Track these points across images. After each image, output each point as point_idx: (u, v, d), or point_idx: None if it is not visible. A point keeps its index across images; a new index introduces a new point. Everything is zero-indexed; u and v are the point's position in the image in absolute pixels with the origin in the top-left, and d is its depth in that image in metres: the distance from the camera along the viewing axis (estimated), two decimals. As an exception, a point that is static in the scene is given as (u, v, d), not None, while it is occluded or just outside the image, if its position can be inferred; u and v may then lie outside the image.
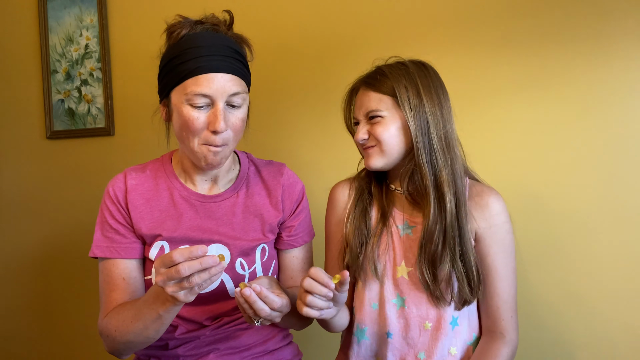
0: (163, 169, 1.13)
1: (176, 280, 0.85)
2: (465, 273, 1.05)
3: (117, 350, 1.05)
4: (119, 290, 1.07)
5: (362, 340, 1.14)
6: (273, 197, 1.15)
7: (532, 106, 1.42)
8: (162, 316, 0.95)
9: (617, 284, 1.36)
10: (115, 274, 1.08)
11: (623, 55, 1.33)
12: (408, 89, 1.06)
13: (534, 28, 1.40)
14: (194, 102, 0.99)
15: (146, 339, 1.01)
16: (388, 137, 1.06)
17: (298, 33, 1.65)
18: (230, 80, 1.00)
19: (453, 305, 1.08)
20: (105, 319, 1.05)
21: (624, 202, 1.35)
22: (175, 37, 1.02)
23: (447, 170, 1.05)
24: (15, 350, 2.10)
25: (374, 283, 1.12)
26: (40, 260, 2.04)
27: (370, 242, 1.12)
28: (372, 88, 1.08)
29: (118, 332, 1.01)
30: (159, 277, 0.85)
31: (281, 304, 0.94)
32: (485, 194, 1.10)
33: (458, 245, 1.05)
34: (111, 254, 1.07)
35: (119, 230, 1.08)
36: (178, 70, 1.00)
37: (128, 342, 1.01)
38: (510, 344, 1.08)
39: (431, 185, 1.05)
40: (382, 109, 1.06)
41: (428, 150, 1.05)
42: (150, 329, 0.98)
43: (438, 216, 1.05)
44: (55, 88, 1.96)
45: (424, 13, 1.51)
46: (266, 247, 1.14)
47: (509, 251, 1.09)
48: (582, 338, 1.40)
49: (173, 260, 0.83)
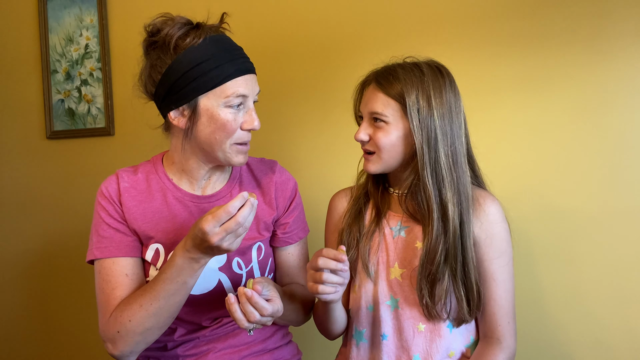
0: (155, 171, 1.12)
1: (234, 231, 0.89)
2: (465, 294, 1.03)
3: (128, 346, 1.00)
4: (122, 287, 1.04)
5: (361, 342, 1.13)
6: (266, 194, 1.15)
7: (532, 106, 1.41)
8: (187, 283, 0.96)
9: (617, 285, 1.36)
10: (116, 271, 1.04)
11: (623, 55, 1.33)
12: (419, 98, 1.01)
13: (534, 28, 1.40)
14: (232, 104, 1.00)
15: (168, 319, 0.99)
16: (389, 145, 1.04)
17: (299, 33, 1.65)
18: (255, 79, 1.05)
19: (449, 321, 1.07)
20: (110, 318, 1.01)
21: (624, 202, 1.35)
22: (188, 43, 0.98)
23: (453, 188, 1.02)
24: (15, 350, 2.10)
25: (369, 284, 1.11)
26: (40, 260, 2.04)
27: (362, 241, 1.11)
28: (381, 88, 1.04)
29: (134, 322, 0.98)
30: (216, 237, 0.88)
31: (272, 311, 0.93)
32: (481, 199, 1.07)
33: (460, 265, 1.03)
34: (110, 252, 1.05)
35: (118, 229, 1.06)
36: (212, 75, 0.98)
37: (146, 330, 0.98)
38: (507, 351, 1.06)
39: (435, 203, 1.02)
40: (387, 114, 1.03)
41: (434, 166, 1.02)
42: (176, 302, 0.97)
43: (442, 235, 1.02)
44: (55, 88, 1.96)
45: (425, 13, 1.51)
46: (262, 246, 1.14)
47: (505, 257, 1.07)
48: (581, 338, 1.39)
49: (229, 212, 0.88)
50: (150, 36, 1.03)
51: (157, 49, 1.01)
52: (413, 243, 1.08)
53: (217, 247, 0.90)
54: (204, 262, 0.96)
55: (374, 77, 1.08)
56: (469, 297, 1.04)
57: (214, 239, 0.88)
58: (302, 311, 1.17)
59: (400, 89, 1.02)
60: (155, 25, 1.02)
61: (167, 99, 1.02)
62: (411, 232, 1.09)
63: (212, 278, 1.09)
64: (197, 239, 0.91)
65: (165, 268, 0.96)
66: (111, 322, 1.01)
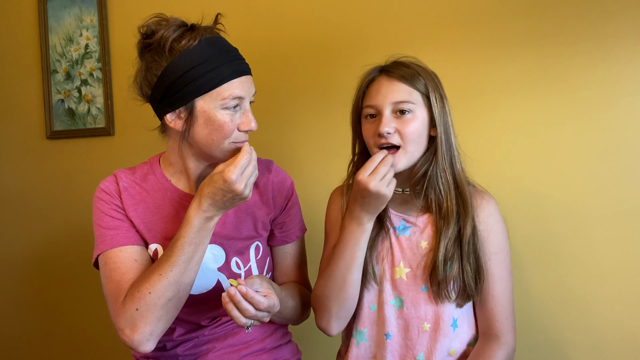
0: (152, 172, 1.12)
1: (251, 175, 0.97)
2: (473, 271, 1.06)
3: (149, 324, 0.96)
4: (133, 271, 1.01)
5: (361, 342, 1.13)
6: (263, 194, 1.15)
7: (531, 106, 1.41)
8: (203, 245, 0.99)
9: (614, 284, 1.36)
10: (125, 258, 1.02)
11: (623, 55, 1.33)
12: (435, 88, 1.07)
13: (534, 28, 1.40)
14: (229, 106, 1.00)
15: (188, 287, 0.99)
16: (417, 135, 1.05)
17: (299, 33, 1.65)
18: (251, 80, 1.05)
19: (454, 305, 1.08)
20: (126, 300, 0.97)
21: (623, 202, 1.34)
22: (184, 46, 0.98)
23: (462, 176, 1.08)
24: (15, 350, 2.10)
25: (373, 284, 1.11)
26: (41, 260, 2.04)
27: (368, 247, 1.10)
28: (401, 79, 1.06)
29: (155, 293, 0.95)
30: (242, 184, 0.95)
31: (268, 305, 0.94)
32: (479, 197, 1.09)
33: (473, 253, 1.06)
34: (117, 242, 1.03)
35: (122, 219, 1.06)
36: (209, 77, 0.98)
37: (168, 301, 0.96)
38: (506, 347, 1.07)
39: (452, 189, 1.06)
40: (413, 101, 1.05)
41: (449, 157, 1.07)
42: (194, 268, 0.99)
43: (460, 223, 1.06)
44: (55, 88, 1.96)
45: (425, 13, 1.51)
46: (260, 245, 1.14)
47: (503, 253, 1.09)
48: (578, 338, 1.39)
49: (248, 157, 0.96)
50: (145, 38, 1.03)
51: (152, 51, 1.01)
52: (418, 242, 1.09)
53: (241, 195, 0.95)
54: (215, 222, 1.00)
55: (384, 71, 1.09)
56: (476, 273, 1.06)
57: (241, 186, 0.94)
58: (300, 309, 1.17)
59: (423, 80, 1.06)
60: (150, 27, 1.01)
61: (163, 101, 1.02)
62: (415, 232, 1.10)
63: (211, 278, 1.09)
64: (220, 192, 0.95)
65: (181, 232, 0.97)
66: (127, 303, 0.97)
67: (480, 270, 1.06)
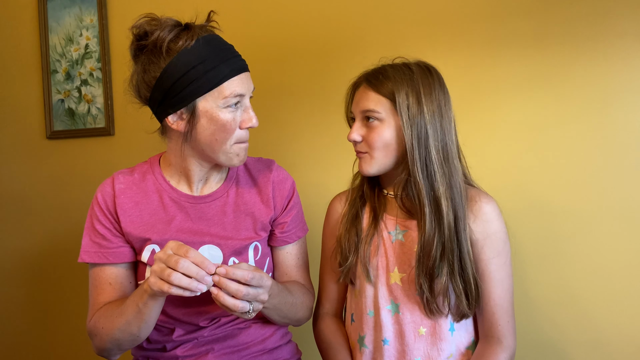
0: (152, 172, 1.12)
1: (165, 268, 0.88)
2: (463, 287, 1.04)
3: (105, 349, 1.06)
4: (105, 294, 1.09)
5: (363, 348, 1.13)
6: (264, 194, 1.15)
7: (531, 106, 1.41)
8: (141, 310, 0.97)
9: (615, 284, 1.36)
10: (102, 278, 1.09)
11: (622, 55, 1.33)
12: (409, 95, 1.03)
13: (534, 28, 1.40)
14: (230, 104, 1.00)
15: (131, 336, 1.02)
16: (382, 144, 1.04)
17: (299, 33, 1.65)
18: (249, 77, 1.05)
19: (450, 317, 1.07)
20: (92, 320, 1.07)
21: (623, 202, 1.34)
22: (181, 46, 0.98)
23: (445, 183, 1.03)
24: (15, 349, 2.10)
25: (369, 289, 1.11)
26: (40, 260, 2.04)
27: (362, 245, 1.11)
28: (372, 87, 1.06)
29: (105, 330, 1.03)
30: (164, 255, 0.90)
31: (253, 275, 0.92)
32: (478, 199, 1.07)
33: (457, 260, 1.03)
34: (99, 259, 1.08)
35: (105, 236, 1.08)
36: (209, 77, 0.98)
37: (115, 339, 1.02)
38: (508, 350, 1.06)
39: (426, 198, 1.03)
40: (379, 110, 1.04)
41: (424, 162, 1.03)
42: (133, 325, 0.99)
43: (436, 229, 1.03)
44: (55, 88, 1.96)
45: (425, 13, 1.51)
46: (259, 245, 1.13)
47: (503, 256, 1.07)
48: (579, 338, 1.39)
49: (187, 255, 0.88)
50: (139, 40, 1.02)
51: (148, 53, 1.00)
52: (412, 247, 1.08)
53: (144, 284, 0.94)
54: (145, 297, 0.95)
55: (364, 78, 1.09)
56: (467, 291, 1.04)
57: (154, 267, 0.90)
58: (301, 308, 1.16)
59: (391, 87, 1.03)
60: (143, 28, 1.00)
61: (164, 103, 1.01)
62: (409, 236, 1.09)
63: (209, 278, 1.09)
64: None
65: (137, 291, 0.99)
66: (92, 323, 1.06)
67: (471, 288, 1.04)
